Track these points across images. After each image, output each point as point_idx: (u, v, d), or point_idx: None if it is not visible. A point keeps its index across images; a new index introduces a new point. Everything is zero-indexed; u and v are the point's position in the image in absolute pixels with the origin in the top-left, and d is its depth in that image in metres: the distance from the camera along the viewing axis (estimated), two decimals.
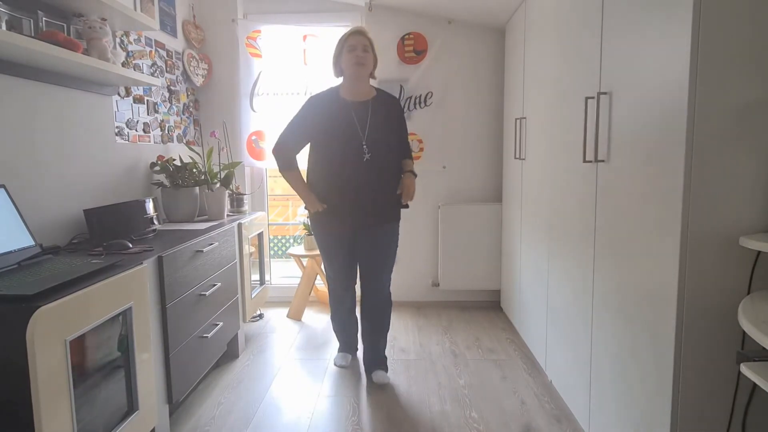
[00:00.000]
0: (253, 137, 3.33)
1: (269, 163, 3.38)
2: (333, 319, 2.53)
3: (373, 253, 2.29)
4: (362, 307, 2.39)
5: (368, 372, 2.38)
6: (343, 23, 3.33)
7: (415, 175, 2.33)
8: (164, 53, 2.78)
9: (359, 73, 2.16)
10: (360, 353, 2.57)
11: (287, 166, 2.22)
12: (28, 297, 1.19)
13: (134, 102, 2.45)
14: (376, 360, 2.39)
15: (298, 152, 2.25)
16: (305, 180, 2.26)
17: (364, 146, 2.15)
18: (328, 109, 2.20)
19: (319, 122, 2.19)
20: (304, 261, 3.33)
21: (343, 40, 2.19)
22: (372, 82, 2.34)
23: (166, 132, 2.78)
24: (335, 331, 2.58)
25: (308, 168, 2.28)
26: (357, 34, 2.18)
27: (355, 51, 2.14)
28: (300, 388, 2.30)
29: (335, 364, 2.51)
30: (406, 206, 2.35)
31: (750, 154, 1.12)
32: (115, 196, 2.26)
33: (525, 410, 2.06)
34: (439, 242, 3.34)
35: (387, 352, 2.51)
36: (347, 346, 2.57)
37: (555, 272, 2.09)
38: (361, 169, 2.16)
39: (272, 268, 3.62)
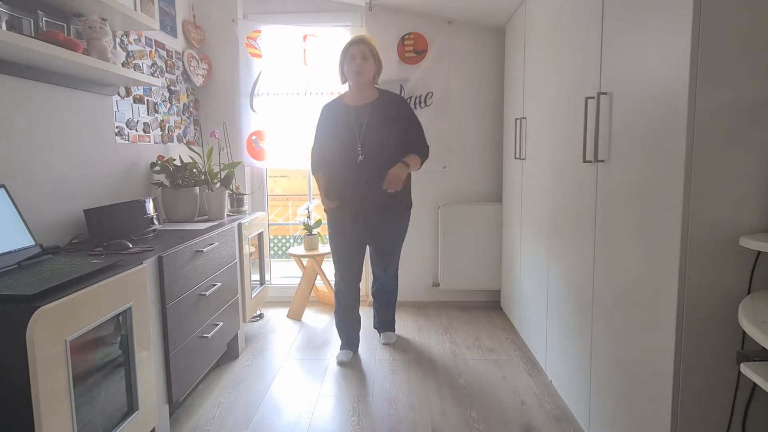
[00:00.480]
0: (253, 137, 3.33)
1: (269, 163, 3.38)
2: (336, 314, 2.64)
3: (380, 244, 2.55)
4: (374, 287, 2.76)
5: (380, 332, 2.83)
6: (343, 23, 3.33)
7: (407, 166, 2.35)
8: (164, 53, 2.78)
9: (358, 80, 2.34)
10: (361, 349, 2.71)
11: (313, 169, 2.51)
12: (28, 297, 1.19)
13: (134, 102, 2.45)
14: (384, 323, 2.81)
15: (324, 157, 2.45)
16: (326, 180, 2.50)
17: (359, 148, 2.33)
18: (332, 115, 2.43)
19: (326, 128, 2.44)
20: (304, 261, 3.32)
21: (345, 50, 2.36)
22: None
23: (166, 132, 2.78)
24: (337, 328, 2.65)
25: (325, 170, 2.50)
26: (357, 43, 2.34)
27: (354, 60, 2.32)
28: (300, 388, 2.30)
29: (337, 361, 2.55)
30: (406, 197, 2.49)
31: (750, 154, 1.12)
32: (115, 196, 2.26)
33: (525, 410, 2.06)
34: (439, 242, 3.34)
35: (388, 352, 2.66)
36: (349, 343, 2.63)
37: (555, 272, 2.09)
38: (357, 169, 2.34)
39: (272, 268, 3.62)
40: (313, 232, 3.34)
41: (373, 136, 2.34)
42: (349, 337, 2.62)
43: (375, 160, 2.33)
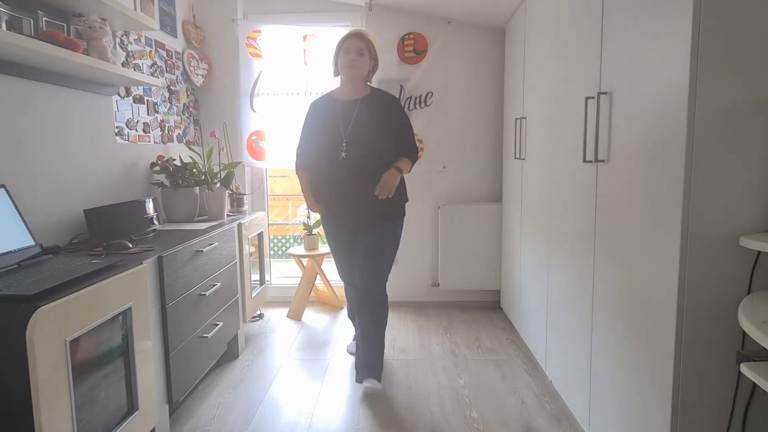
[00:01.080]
0: (253, 137, 3.33)
1: (269, 163, 3.38)
2: (346, 307, 2.69)
3: (364, 253, 2.26)
4: (357, 307, 2.33)
5: (359, 379, 2.28)
6: (343, 23, 3.33)
7: (400, 171, 2.22)
8: (164, 53, 2.78)
9: (350, 75, 2.22)
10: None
11: (297, 169, 2.36)
12: (28, 297, 1.19)
13: (134, 102, 2.45)
14: (365, 366, 2.28)
15: (308, 156, 2.32)
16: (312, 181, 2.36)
17: (344, 144, 2.18)
18: (319, 110, 2.30)
19: (312, 124, 2.30)
20: (304, 261, 3.32)
21: (341, 42, 2.23)
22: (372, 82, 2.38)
23: (166, 132, 2.78)
24: (350, 318, 2.70)
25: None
26: (353, 37, 2.21)
27: (348, 54, 2.19)
28: (300, 388, 2.30)
29: (347, 351, 2.66)
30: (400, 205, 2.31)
31: (750, 153, 1.12)
32: (115, 196, 2.26)
33: (525, 410, 2.06)
34: (439, 242, 3.34)
35: (387, 353, 2.59)
36: None
37: (555, 272, 2.08)
38: (339, 166, 2.20)
39: (272, 268, 3.62)
40: (313, 232, 3.34)
41: (359, 133, 2.19)
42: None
43: (360, 157, 2.18)
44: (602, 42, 1.57)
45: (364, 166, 2.19)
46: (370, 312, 2.28)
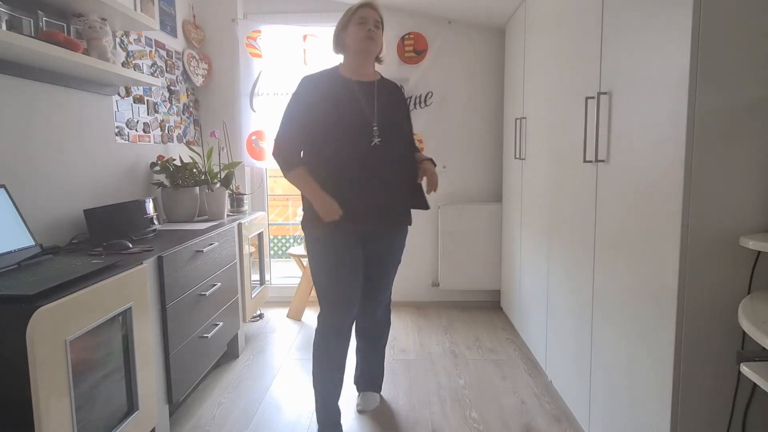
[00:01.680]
0: (253, 137, 3.33)
1: (269, 163, 3.38)
2: (318, 373, 1.92)
3: (380, 264, 1.94)
4: (357, 324, 2.09)
5: (359, 390, 2.17)
6: None
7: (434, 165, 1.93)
8: (164, 53, 2.78)
9: (369, 48, 1.81)
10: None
11: (290, 165, 1.80)
12: (28, 297, 1.19)
13: (134, 102, 2.45)
14: (369, 380, 2.16)
15: (301, 146, 1.84)
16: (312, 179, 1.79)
17: (375, 129, 1.76)
18: (327, 88, 1.81)
19: (318, 104, 1.78)
20: (304, 261, 3.32)
21: (351, 12, 1.84)
22: None
23: (166, 132, 2.78)
24: (316, 395, 1.93)
25: (306, 164, 1.81)
26: (368, 7, 1.84)
27: (366, 24, 1.80)
28: (300, 388, 2.30)
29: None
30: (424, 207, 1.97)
31: (750, 154, 1.12)
32: (115, 196, 2.26)
33: (525, 410, 2.06)
34: (439, 242, 3.34)
35: (388, 353, 2.56)
36: (330, 421, 1.93)
37: (555, 272, 2.08)
38: (368, 155, 1.76)
39: (272, 268, 3.62)
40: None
41: (390, 117, 1.81)
42: (332, 416, 1.93)
43: (394, 145, 1.80)
44: (602, 42, 1.57)
45: (397, 155, 1.83)
46: (380, 326, 2.10)
